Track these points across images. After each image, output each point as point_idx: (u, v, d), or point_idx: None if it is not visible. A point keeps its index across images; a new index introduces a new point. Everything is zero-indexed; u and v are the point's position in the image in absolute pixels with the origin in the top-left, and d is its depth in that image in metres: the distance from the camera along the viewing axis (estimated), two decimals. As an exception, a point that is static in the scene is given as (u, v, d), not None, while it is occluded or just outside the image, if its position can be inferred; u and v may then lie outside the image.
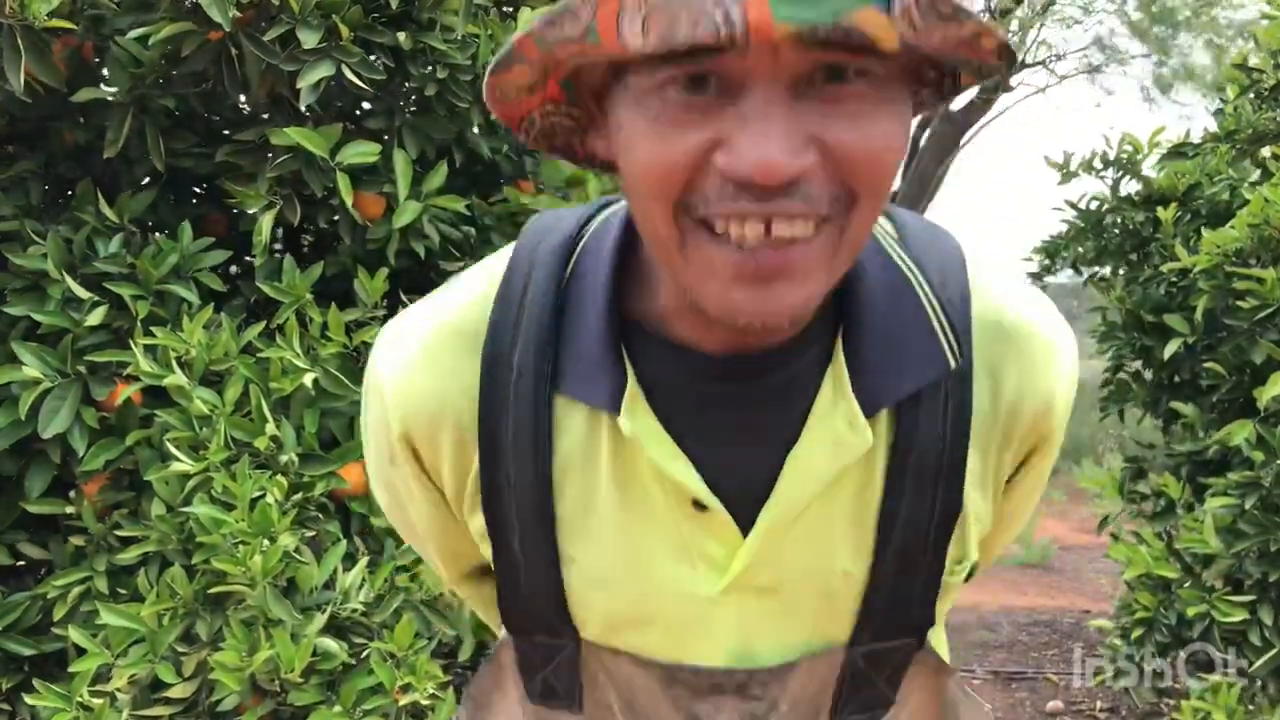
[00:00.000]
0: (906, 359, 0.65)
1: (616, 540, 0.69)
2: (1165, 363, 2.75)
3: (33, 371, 1.78)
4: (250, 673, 1.66)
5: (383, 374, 0.71)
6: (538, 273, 0.68)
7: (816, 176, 0.54)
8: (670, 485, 0.67)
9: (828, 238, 0.56)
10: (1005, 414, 0.69)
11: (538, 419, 0.67)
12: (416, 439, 0.70)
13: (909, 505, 0.67)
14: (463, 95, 2.08)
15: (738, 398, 0.66)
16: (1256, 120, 2.77)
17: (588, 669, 0.73)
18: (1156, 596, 2.45)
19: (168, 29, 1.77)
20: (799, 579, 0.69)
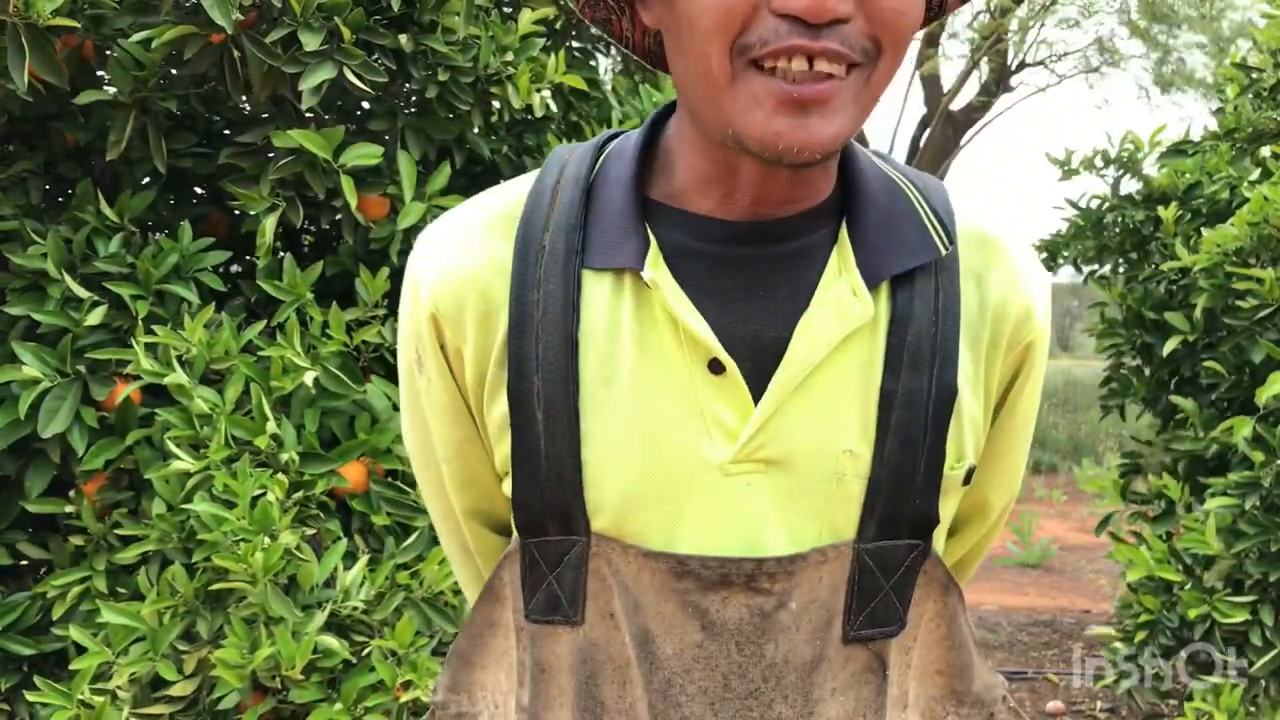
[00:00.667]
0: (902, 242, 0.73)
1: (634, 407, 0.71)
2: (1165, 360, 2.75)
3: (32, 371, 1.79)
4: (251, 670, 1.66)
5: (419, 255, 0.77)
6: (568, 169, 0.76)
7: (854, 24, 0.63)
8: (689, 344, 0.71)
9: (857, 80, 0.65)
10: (992, 315, 0.76)
11: (566, 290, 0.71)
12: (443, 317, 0.75)
13: (906, 383, 0.72)
14: (464, 97, 2.08)
15: (752, 261, 0.72)
16: (1256, 119, 2.77)
17: (594, 571, 0.73)
18: (1159, 599, 2.45)
19: (171, 32, 1.78)
20: (807, 455, 0.72)
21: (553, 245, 0.72)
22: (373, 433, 1.92)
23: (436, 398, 0.79)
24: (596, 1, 0.75)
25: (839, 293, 0.71)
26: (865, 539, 0.73)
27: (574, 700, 0.75)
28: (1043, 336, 0.79)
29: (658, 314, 0.71)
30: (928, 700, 0.81)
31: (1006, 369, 0.78)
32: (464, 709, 0.84)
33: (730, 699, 0.72)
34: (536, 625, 0.76)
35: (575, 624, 0.74)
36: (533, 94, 2.14)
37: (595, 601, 0.74)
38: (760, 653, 0.72)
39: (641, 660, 0.73)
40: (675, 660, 0.72)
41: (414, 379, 0.79)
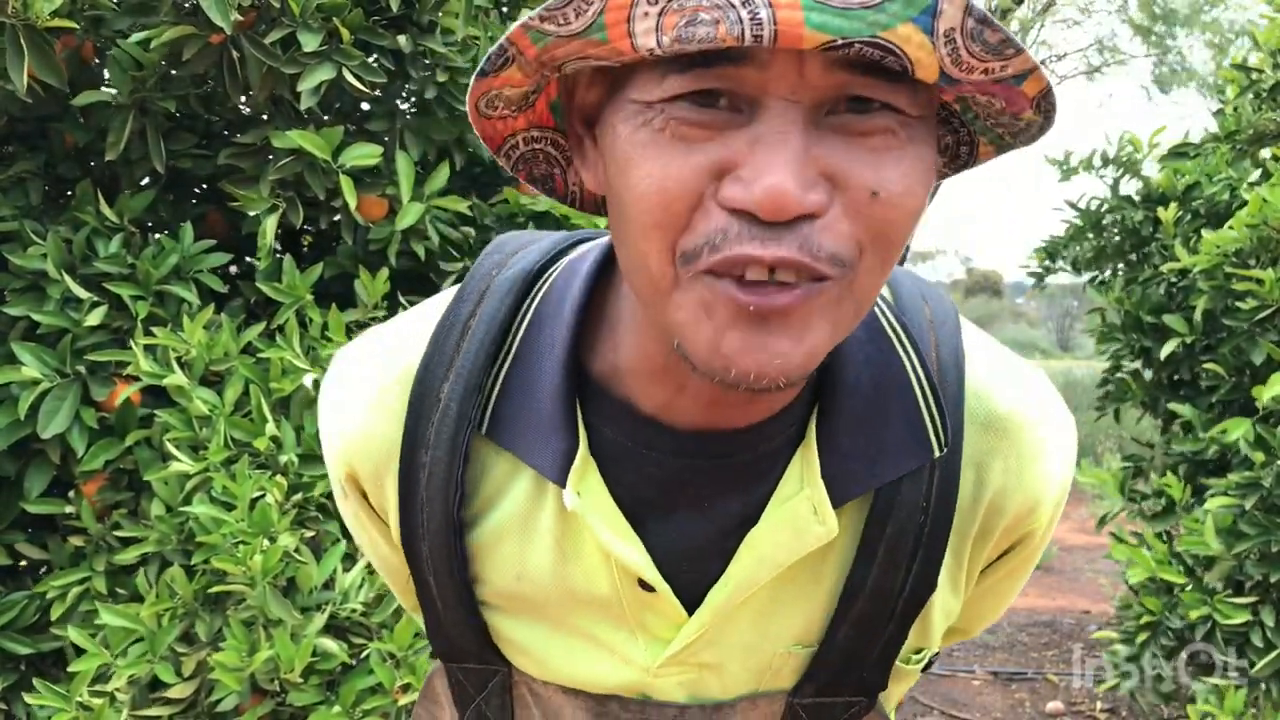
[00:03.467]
0: (885, 447, 0.60)
1: (551, 607, 0.65)
2: (1164, 363, 2.75)
3: (32, 372, 1.78)
4: (250, 673, 1.66)
5: (325, 411, 0.69)
6: (487, 305, 0.63)
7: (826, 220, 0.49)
8: (617, 565, 0.63)
9: (833, 292, 0.50)
10: (987, 508, 0.65)
11: (452, 463, 0.62)
12: (361, 477, 0.67)
13: (878, 578, 0.62)
14: (463, 97, 2.08)
15: (697, 475, 0.61)
16: (1256, 120, 2.77)
17: (519, 697, 0.70)
18: (1160, 600, 2.45)
19: (170, 33, 1.78)
20: (742, 659, 0.66)
21: (446, 404, 0.61)
22: (372, 434, 1.92)
23: (364, 524, 0.73)
24: (533, 156, 0.61)
25: (796, 510, 0.60)
26: (801, 695, 0.67)
27: None
28: (1044, 528, 0.68)
29: (583, 530, 0.62)
30: None
31: (993, 553, 0.68)
32: None
33: None
34: None
35: None
36: (532, 95, 2.14)
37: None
38: None
39: None
40: None
41: (340, 500, 0.73)
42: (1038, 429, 0.64)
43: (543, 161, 0.61)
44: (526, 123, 0.59)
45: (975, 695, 3.81)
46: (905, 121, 0.49)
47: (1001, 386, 0.64)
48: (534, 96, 0.57)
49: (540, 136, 0.60)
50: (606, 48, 0.48)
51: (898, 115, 0.49)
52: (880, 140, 0.49)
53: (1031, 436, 0.64)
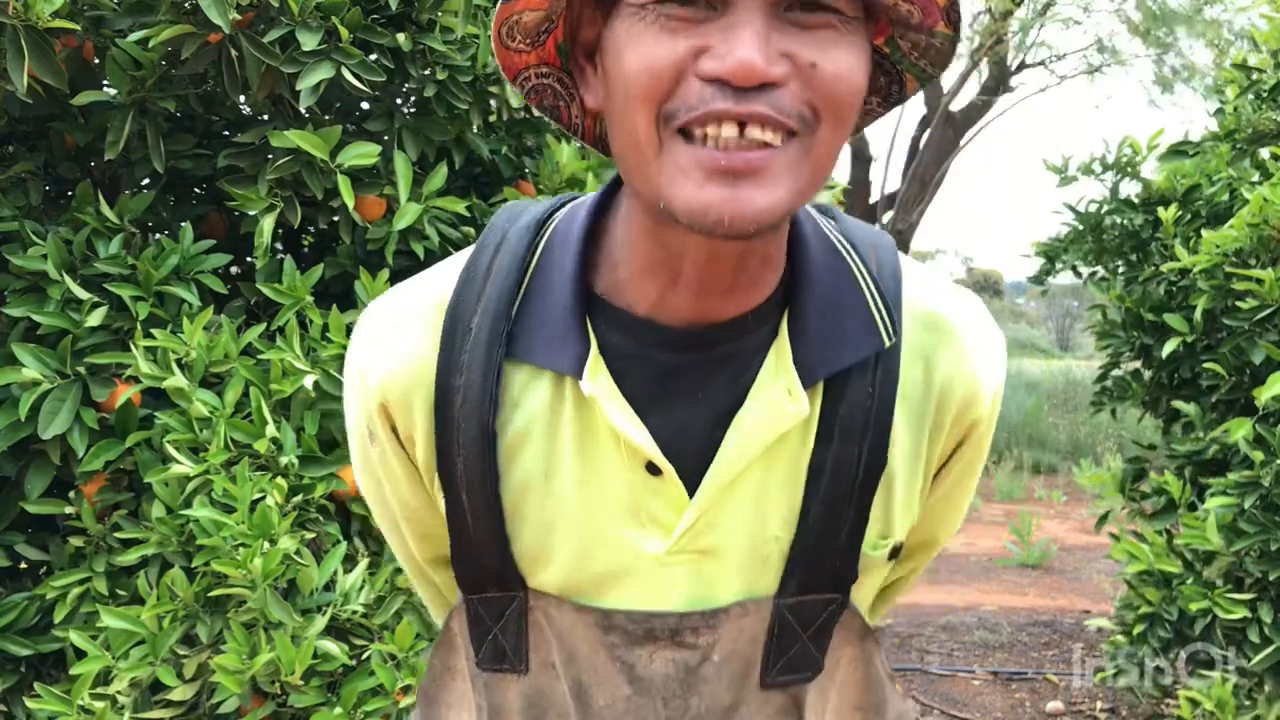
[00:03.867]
0: (844, 337, 0.71)
1: (574, 502, 0.73)
2: (1164, 362, 2.75)
3: (32, 373, 1.78)
4: (251, 675, 1.66)
5: (358, 349, 0.78)
6: (505, 247, 0.74)
7: (787, 89, 0.60)
8: (627, 448, 0.71)
9: (796, 151, 0.62)
10: (938, 396, 0.75)
11: (486, 379, 0.71)
12: (392, 407, 0.75)
13: (835, 456, 0.72)
14: (462, 96, 2.08)
15: (693, 366, 0.72)
16: (1256, 120, 2.77)
17: (533, 623, 0.77)
18: (1159, 592, 2.45)
19: (168, 31, 1.77)
20: (736, 545, 0.74)
21: (478, 331, 0.72)
22: (372, 435, 1.92)
23: (391, 468, 0.80)
24: (543, 88, 0.74)
25: (774, 394, 0.71)
26: (785, 595, 0.75)
27: None
28: (988, 418, 0.78)
29: (597, 419, 0.72)
30: None
31: (949, 446, 0.79)
32: None
33: None
34: (488, 673, 0.80)
35: (520, 672, 0.78)
36: (532, 95, 2.14)
37: (537, 652, 0.77)
38: (685, 706, 0.76)
39: (578, 709, 0.77)
40: (607, 711, 0.76)
41: (366, 448, 0.80)
42: (972, 326, 0.77)
43: (550, 94, 0.74)
44: (537, 59, 0.71)
45: (975, 695, 3.81)
46: (844, 20, 0.62)
47: (937, 294, 0.77)
48: (544, 35, 0.70)
49: (548, 73, 0.72)
50: None
51: (838, 14, 0.61)
52: (825, 33, 0.61)
53: (967, 333, 0.76)
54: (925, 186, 9.31)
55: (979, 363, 0.76)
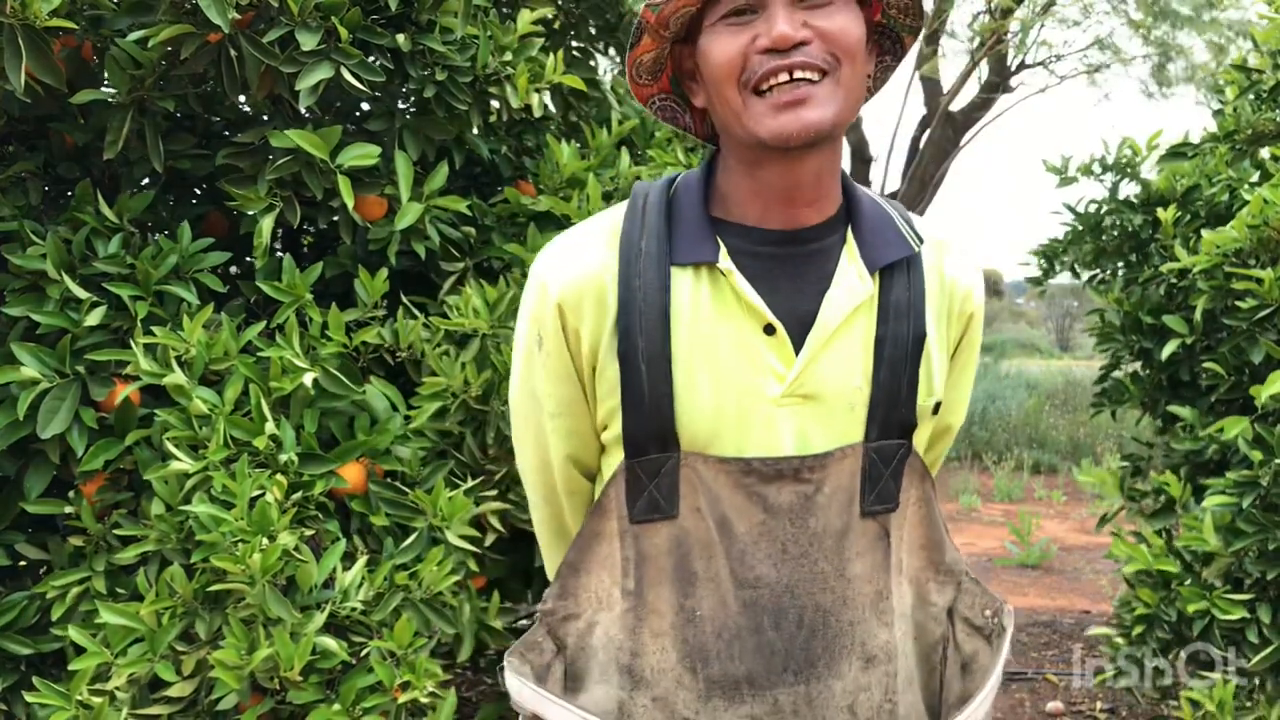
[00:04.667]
0: (888, 243, 1.03)
1: (713, 360, 0.99)
2: (1164, 363, 2.75)
3: (31, 372, 1.79)
4: (250, 671, 1.66)
5: (545, 262, 1.05)
6: (652, 197, 1.05)
7: (812, 45, 0.93)
8: (750, 315, 0.99)
9: (828, 84, 0.95)
10: (948, 294, 1.07)
11: (661, 278, 0.99)
12: (566, 306, 1.02)
13: (892, 330, 1.01)
14: (462, 97, 2.08)
15: (789, 258, 1.02)
16: (1256, 121, 2.77)
17: (684, 477, 1.00)
18: (1157, 593, 2.45)
19: (167, 31, 1.78)
20: (831, 391, 1.00)
21: (647, 248, 1.01)
22: (372, 433, 1.92)
23: (552, 368, 1.05)
24: (665, 107, 1.09)
25: (850, 277, 1.01)
26: (870, 439, 1.02)
27: (672, 575, 1.01)
28: (978, 310, 1.10)
29: (727, 294, 1.00)
30: (915, 569, 1.09)
31: (955, 332, 1.09)
32: (570, 611, 1.06)
33: (787, 559, 1.01)
34: (639, 525, 1.01)
35: (671, 518, 1.01)
36: (531, 94, 2.14)
37: (686, 500, 1.00)
38: (806, 525, 1.01)
39: (722, 538, 1.00)
40: (746, 536, 1.00)
41: (532, 356, 1.06)
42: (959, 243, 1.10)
43: (670, 110, 1.10)
44: (658, 89, 1.08)
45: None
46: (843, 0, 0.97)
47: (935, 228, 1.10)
48: (660, 72, 1.06)
49: (666, 97, 1.09)
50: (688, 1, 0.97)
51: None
52: (829, 8, 0.95)
53: (958, 247, 1.09)
54: (925, 186, 9.31)
55: (968, 269, 1.09)
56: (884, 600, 1.04)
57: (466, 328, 2.00)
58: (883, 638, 1.04)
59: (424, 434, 1.98)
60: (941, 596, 1.11)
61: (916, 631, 1.09)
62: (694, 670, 1.01)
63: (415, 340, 2.02)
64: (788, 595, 1.00)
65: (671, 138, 2.56)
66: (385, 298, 2.05)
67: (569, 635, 1.06)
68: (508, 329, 2.01)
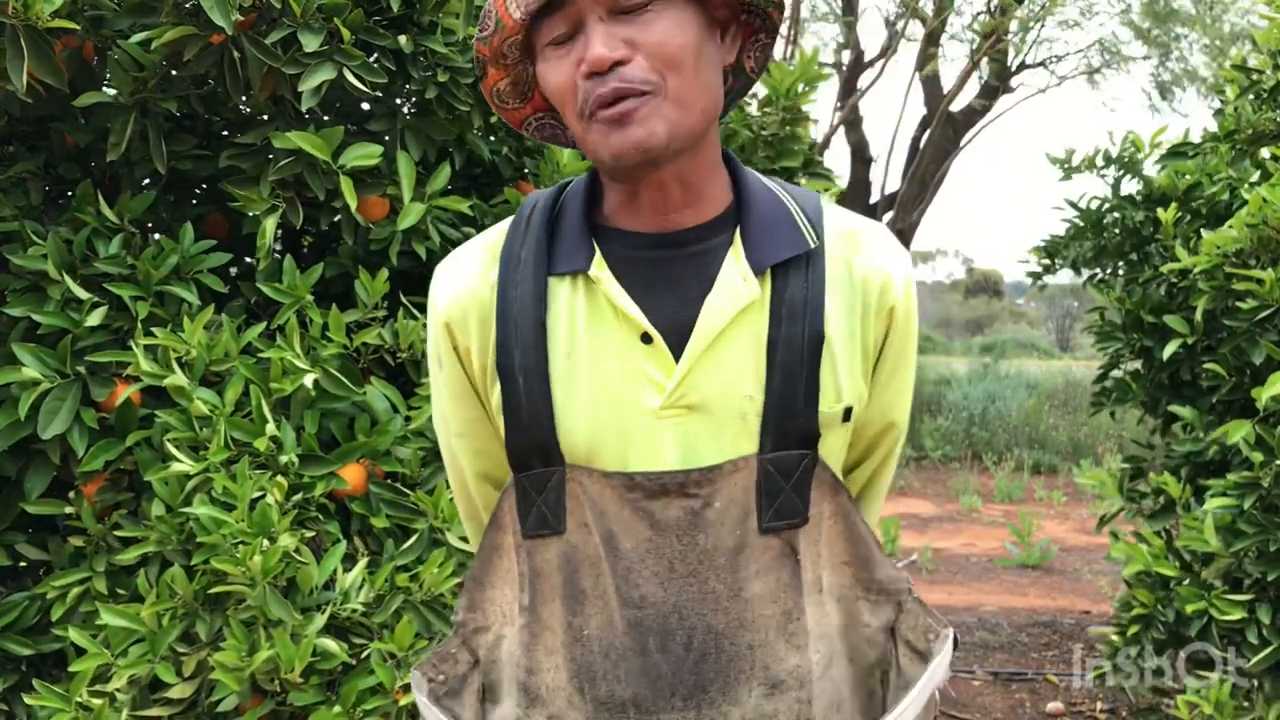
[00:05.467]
0: (781, 240, 0.97)
1: (590, 371, 0.96)
2: (1165, 363, 2.75)
3: (32, 372, 1.79)
4: (250, 673, 1.66)
5: (435, 282, 1.03)
6: (540, 204, 1.02)
7: (634, 63, 0.88)
8: (625, 323, 0.95)
9: (653, 100, 0.89)
10: (860, 287, 0.99)
11: (536, 287, 0.97)
12: (453, 324, 1.00)
13: (785, 331, 0.95)
14: (463, 98, 2.08)
15: (668, 261, 0.98)
16: (1256, 120, 2.77)
17: (570, 492, 0.97)
18: (1155, 594, 2.45)
19: (170, 33, 1.78)
20: (717, 401, 0.95)
21: (526, 258, 0.98)
22: (372, 434, 1.92)
23: (452, 388, 1.03)
24: (543, 126, 1.06)
25: (733, 279, 0.95)
26: (765, 451, 0.95)
27: (562, 592, 0.98)
28: (903, 303, 1.01)
29: (602, 303, 0.96)
30: (840, 587, 1.02)
31: (877, 329, 1.01)
32: (480, 624, 1.04)
33: (675, 578, 0.96)
34: (531, 540, 0.99)
35: (560, 533, 0.98)
36: (532, 95, 2.14)
37: (573, 515, 0.97)
38: (695, 542, 0.95)
39: (609, 555, 0.96)
40: (633, 552, 0.96)
41: (436, 376, 1.05)
42: (876, 234, 1.03)
43: (549, 128, 1.07)
44: (532, 109, 1.04)
45: (975, 695, 3.81)
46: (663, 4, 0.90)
47: (849, 217, 1.04)
48: (529, 92, 1.02)
49: (543, 116, 1.05)
50: (506, 30, 0.94)
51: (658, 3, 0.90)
52: (647, 16, 0.89)
53: (874, 239, 1.02)
54: (925, 187, 9.31)
55: (884, 258, 1.01)
56: (794, 621, 0.97)
57: (467, 328, 1.99)
58: (792, 662, 0.97)
59: (423, 435, 1.98)
60: (876, 616, 1.03)
61: (850, 653, 1.02)
62: (582, 690, 0.98)
63: (416, 341, 2.02)
64: (675, 616, 0.95)
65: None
66: (386, 298, 2.05)
67: (480, 648, 1.05)
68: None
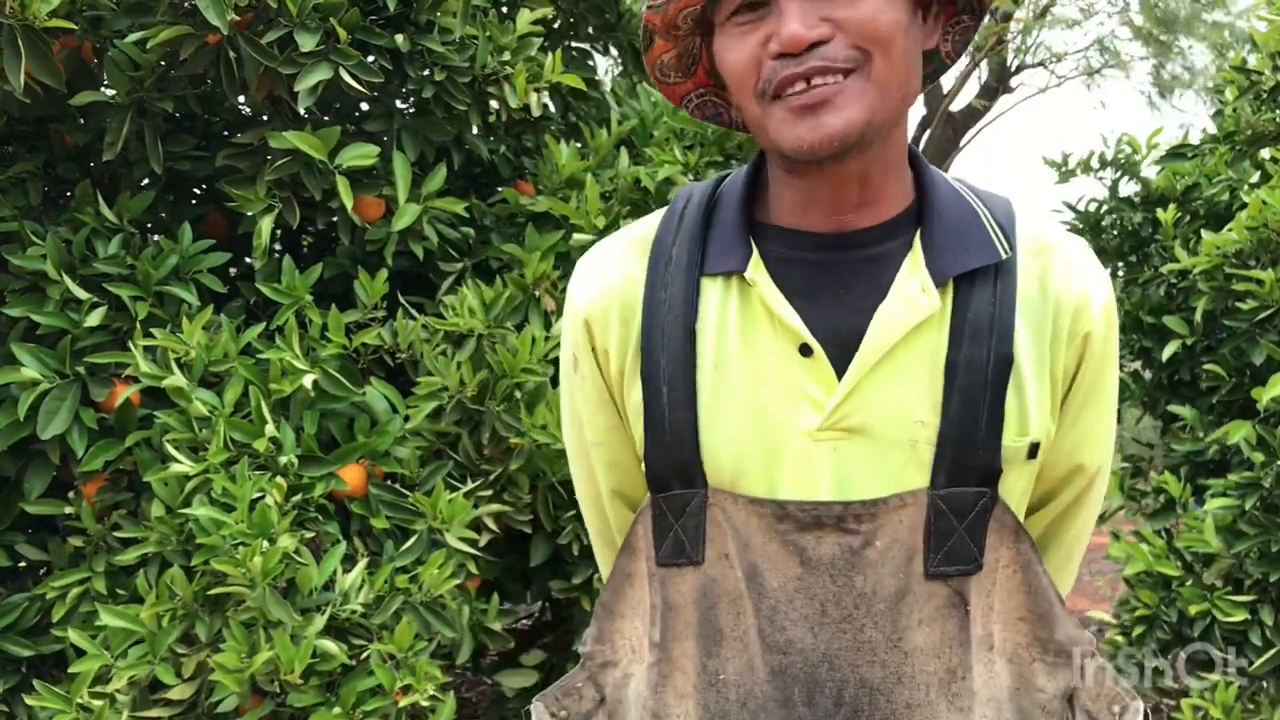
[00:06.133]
0: (967, 247, 0.86)
1: (740, 384, 0.87)
2: (1164, 364, 2.75)
3: (31, 372, 1.78)
4: (250, 674, 1.66)
5: (576, 276, 0.96)
6: (694, 198, 0.93)
7: (834, 41, 0.79)
8: (782, 332, 0.86)
9: (856, 81, 0.79)
10: (1053, 308, 0.88)
11: (687, 291, 0.88)
12: (593, 321, 0.92)
13: (967, 353, 0.84)
14: (461, 97, 2.08)
15: (837, 265, 0.87)
16: (1255, 121, 2.77)
17: (711, 518, 0.88)
18: (1157, 594, 2.45)
19: (166, 32, 1.77)
20: (882, 424, 0.85)
21: (678, 256, 0.90)
22: (372, 435, 1.92)
23: (587, 392, 0.95)
24: (705, 104, 0.96)
25: (910, 289, 0.85)
26: (937, 486, 0.84)
27: (697, 630, 0.89)
28: (1101, 335, 0.89)
29: (757, 308, 0.87)
30: (1014, 646, 0.91)
31: (1070, 357, 0.89)
32: (608, 657, 0.97)
33: (827, 623, 0.86)
34: (665, 569, 0.90)
35: (697, 564, 0.89)
36: (530, 94, 2.14)
37: (713, 544, 0.88)
38: (851, 584, 0.85)
39: (751, 592, 0.87)
40: (780, 591, 0.86)
41: (570, 378, 0.96)
42: (1074, 249, 0.91)
43: (711, 106, 0.96)
44: (693, 85, 0.94)
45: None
46: None
47: (1045, 227, 0.92)
48: (694, 66, 0.92)
49: (705, 93, 0.95)
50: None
51: None
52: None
53: (1072, 254, 0.90)
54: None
55: (1082, 277, 0.89)
56: (958, 680, 0.87)
57: (462, 328, 1.99)
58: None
59: (420, 434, 1.98)
60: (1054, 681, 0.91)
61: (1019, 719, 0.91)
62: None
63: (415, 341, 2.02)
64: (825, 665, 0.86)
65: (670, 137, 2.55)
66: (385, 298, 2.05)
67: (607, 684, 0.97)
68: (504, 329, 2.01)
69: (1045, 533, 0.98)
